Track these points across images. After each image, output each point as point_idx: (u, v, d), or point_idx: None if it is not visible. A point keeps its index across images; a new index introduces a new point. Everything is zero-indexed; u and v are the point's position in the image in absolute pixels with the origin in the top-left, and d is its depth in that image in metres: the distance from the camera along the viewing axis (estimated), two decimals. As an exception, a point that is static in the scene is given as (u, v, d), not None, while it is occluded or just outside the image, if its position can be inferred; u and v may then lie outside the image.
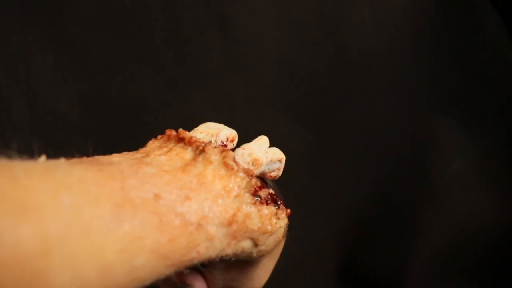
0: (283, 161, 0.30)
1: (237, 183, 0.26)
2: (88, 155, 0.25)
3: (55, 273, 0.19)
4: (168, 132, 0.28)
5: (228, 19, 0.49)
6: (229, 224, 0.25)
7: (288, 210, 0.29)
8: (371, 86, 0.49)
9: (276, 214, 0.28)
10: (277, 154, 0.30)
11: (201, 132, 0.29)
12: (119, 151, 0.28)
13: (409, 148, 0.49)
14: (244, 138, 0.31)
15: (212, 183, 0.25)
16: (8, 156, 0.21)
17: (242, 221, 0.26)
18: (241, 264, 0.30)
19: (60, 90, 0.48)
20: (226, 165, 0.26)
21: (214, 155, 0.26)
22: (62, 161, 0.22)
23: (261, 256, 0.29)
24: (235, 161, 0.27)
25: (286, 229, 0.30)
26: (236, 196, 0.26)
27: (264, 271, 0.32)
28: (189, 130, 0.30)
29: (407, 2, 0.49)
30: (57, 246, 0.19)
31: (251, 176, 0.27)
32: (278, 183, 0.32)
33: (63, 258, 0.19)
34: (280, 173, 0.30)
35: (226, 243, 0.26)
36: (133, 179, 0.23)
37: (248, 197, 0.27)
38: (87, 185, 0.21)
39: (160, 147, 0.27)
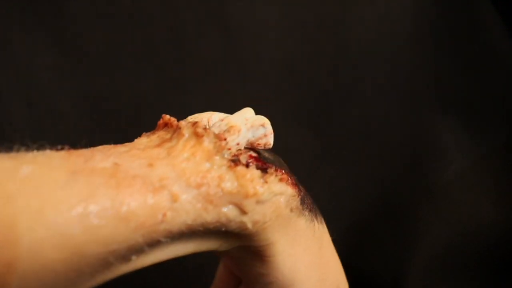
0: (267, 125, 0.29)
1: (206, 147, 0.26)
2: None
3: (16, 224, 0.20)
4: (158, 122, 0.29)
5: (228, 19, 0.49)
6: (198, 186, 0.25)
7: (284, 175, 0.28)
8: (371, 86, 0.49)
9: (263, 177, 0.27)
10: (259, 120, 0.29)
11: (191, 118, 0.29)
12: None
13: (409, 148, 0.49)
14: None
15: (181, 152, 0.26)
16: None
17: (216, 184, 0.25)
18: (258, 252, 0.29)
19: (60, 90, 0.48)
20: (196, 134, 0.26)
21: (186, 129, 0.27)
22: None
23: (264, 229, 0.27)
24: (205, 129, 0.27)
25: (298, 202, 0.29)
26: (207, 160, 0.26)
27: (293, 259, 0.29)
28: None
29: (407, 2, 0.49)
30: (11, 201, 0.20)
31: (223, 139, 0.27)
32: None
33: (17, 212, 0.20)
34: (270, 140, 0.29)
35: (201, 207, 0.25)
36: (100, 154, 0.24)
37: (219, 160, 0.26)
38: (52, 159, 0.23)
39: (147, 136, 0.28)
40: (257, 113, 0.31)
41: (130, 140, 0.31)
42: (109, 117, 0.48)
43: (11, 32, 0.47)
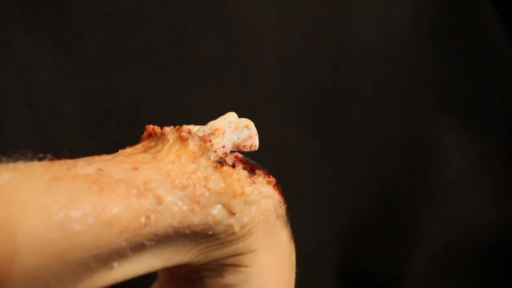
0: (252, 127, 0.29)
1: (191, 149, 0.26)
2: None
3: None
4: (142, 136, 0.29)
5: (228, 19, 0.49)
6: (184, 187, 0.25)
7: (272, 178, 0.28)
8: (371, 86, 0.49)
9: (250, 178, 0.27)
10: (242, 122, 0.29)
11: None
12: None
13: (409, 148, 0.49)
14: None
15: (167, 155, 0.26)
16: None
17: (202, 185, 0.25)
18: (234, 261, 0.28)
19: (60, 90, 0.48)
20: (181, 138, 0.26)
21: (171, 134, 0.27)
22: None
23: (250, 235, 0.27)
24: (189, 132, 0.27)
25: (284, 211, 0.29)
26: (192, 162, 0.26)
27: (267, 274, 0.28)
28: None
29: (407, 2, 0.49)
30: None
31: (208, 141, 0.27)
32: (280, 181, 0.31)
33: None
34: (255, 141, 0.29)
35: (188, 209, 0.25)
36: (83, 162, 0.24)
37: (205, 161, 0.26)
38: (33, 167, 0.22)
39: (131, 146, 0.28)
40: (257, 113, 0.31)
41: (130, 140, 0.31)
42: (109, 117, 0.48)
43: (11, 32, 0.47)
